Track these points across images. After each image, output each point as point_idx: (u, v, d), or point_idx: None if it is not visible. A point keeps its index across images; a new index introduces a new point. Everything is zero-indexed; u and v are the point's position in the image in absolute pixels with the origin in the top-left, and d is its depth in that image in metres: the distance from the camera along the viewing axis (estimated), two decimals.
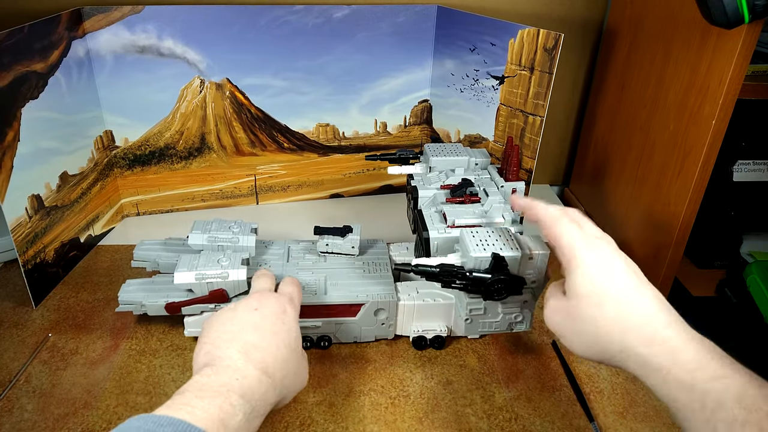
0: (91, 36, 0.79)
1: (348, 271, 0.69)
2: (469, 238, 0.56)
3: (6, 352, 0.65)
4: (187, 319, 0.64)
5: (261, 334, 0.47)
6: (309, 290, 0.65)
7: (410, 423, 0.58)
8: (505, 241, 0.55)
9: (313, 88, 0.91)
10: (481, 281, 0.53)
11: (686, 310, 0.73)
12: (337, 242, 0.71)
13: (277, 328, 0.48)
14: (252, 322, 0.48)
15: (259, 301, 0.51)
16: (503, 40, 0.79)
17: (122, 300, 0.65)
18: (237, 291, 0.63)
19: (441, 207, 0.64)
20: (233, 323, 0.48)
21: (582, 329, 0.43)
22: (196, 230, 0.67)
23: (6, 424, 0.56)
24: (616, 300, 0.41)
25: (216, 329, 0.48)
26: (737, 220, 0.81)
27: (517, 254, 0.54)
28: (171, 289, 0.63)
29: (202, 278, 0.61)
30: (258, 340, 0.46)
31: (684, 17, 0.69)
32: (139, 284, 0.66)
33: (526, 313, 0.57)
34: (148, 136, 0.88)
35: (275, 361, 0.46)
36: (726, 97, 0.61)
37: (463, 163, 0.71)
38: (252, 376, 0.43)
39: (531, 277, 0.56)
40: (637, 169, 0.80)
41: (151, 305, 0.64)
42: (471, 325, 0.58)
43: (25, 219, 0.70)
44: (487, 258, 0.54)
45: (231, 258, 0.63)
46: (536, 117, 0.77)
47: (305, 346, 0.66)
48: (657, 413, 0.60)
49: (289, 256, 0.72)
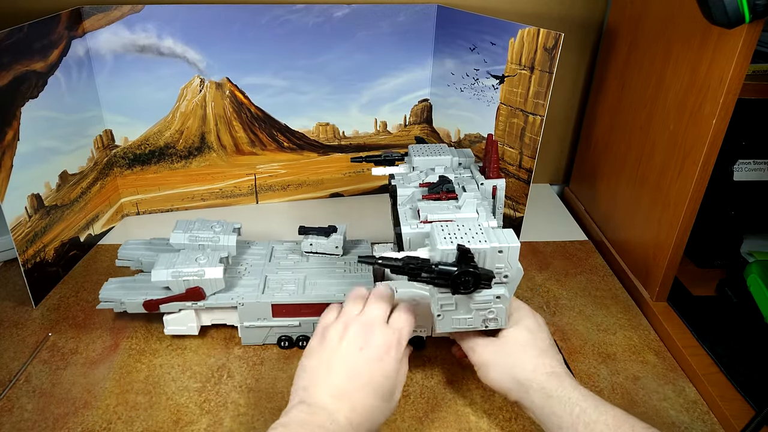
0: (90, 35, 0.79)
1: (328, 271, 0.69)
2: (438, 232, 0.54)
3: (6, 352, 0.65)
4: (166, 317, 0.65)
5: (357, 383, 0.49)
6: (287, 289, 0.65)
7: (410, 423, 0.58)
8: (474, 235, 0.54)
9: (313, 88, 0.90)
10: (447, 274, 0.51)
11: (686, 309, 0.73)
12: (321, 242, 0.71)
13: (375, 374, 0.50)
14: (352, 365, 0.50)
15: (366, 339, 0.51)
16: (503, 40, 0.78)
17: (103, 297, 0.65)
18: (214, 289, 0.64)
19: (416, 204, 0.63)
20: (334, 361, 0.50)
21: (506, 355, 0.54)
22: (177, 230, 0.68)
23: (6, 423, 0.56)
24: (539, 331, 0.56)
25: (318, 361, 0.50)
26: (737, 219, 0.81)
27: (484, 247, 0.52)
28: (150, 287, 0.64)
29: (179, 276, 0.62)
30: (352, 389, 0.48)
31: (684, 17, 0.69)
32: (120, 282, 0.67)
33: (500, 309, 0.55)
34: (147, 135, 0.88)
35: (363, 409, 0.48)
36: (726, 96, 0.61)
37: (445, 162, 0.70)
38: (340, 424, 0.46)
39: (502, 271, 0.54)
40: (637, 168, 0.80)
41: (130, 303, 0.64)
42: (443, 321, 0.56)
43: (25, 218, 0.70)
44: (454, 251, 0.52)
45: (209, 256, 0.64)
46: (536, 116, 0.77)
47: (284, 346, 0.66)
48: (657, 413, 0.60)
49: (272, 256, 0.72)
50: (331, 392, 0.48)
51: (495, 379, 0.54)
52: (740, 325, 0.71)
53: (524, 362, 0.53)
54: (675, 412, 0.60)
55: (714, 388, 0.62)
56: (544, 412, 0.50)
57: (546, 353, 0.54)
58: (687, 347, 0.67)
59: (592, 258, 0.87)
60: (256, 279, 0.67)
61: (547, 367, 0.52)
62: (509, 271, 0.54)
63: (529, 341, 0.55)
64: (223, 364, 0.64)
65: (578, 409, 0.48)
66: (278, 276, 0.68)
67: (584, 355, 0.68)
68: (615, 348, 0.69)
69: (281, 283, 0.66)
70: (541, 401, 0.51)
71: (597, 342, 0.70)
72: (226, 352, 0.66)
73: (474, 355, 0.56)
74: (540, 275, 0.82)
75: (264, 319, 0.65)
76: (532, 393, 0.51)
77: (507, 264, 0.54)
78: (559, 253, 0.88)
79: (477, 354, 0.56)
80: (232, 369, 0.63)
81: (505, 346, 0.55)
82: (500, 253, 0.53)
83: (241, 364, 0.64)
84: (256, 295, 0.64)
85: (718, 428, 0.59)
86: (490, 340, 0.56)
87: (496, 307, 0.55)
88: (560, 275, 0.82)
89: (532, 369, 0.52)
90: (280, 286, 0.66)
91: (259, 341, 0.66)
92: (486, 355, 0.55)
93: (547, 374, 0.52)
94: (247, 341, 0.66)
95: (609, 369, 0.66)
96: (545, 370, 0.52)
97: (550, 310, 0.75)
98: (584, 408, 0.48)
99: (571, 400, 0.49)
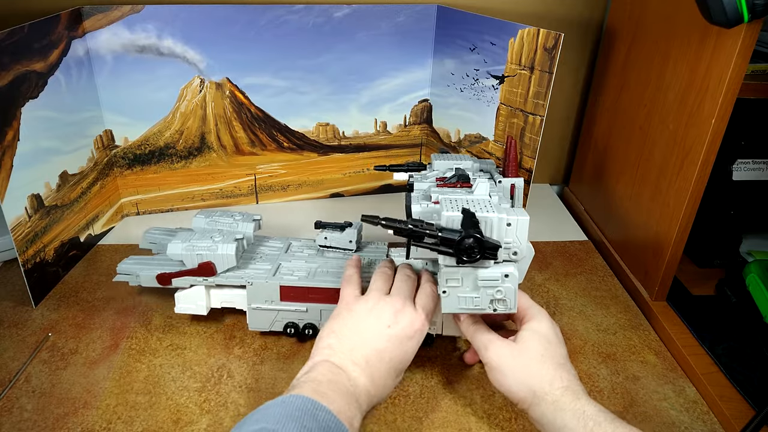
0: (90, 35, 0.79)
1: (341, 263, 0.70)
2: (446, 204, 0.53)
3: (6, 352, 0.65)
4: (178, 294, 0.66)
5: (380, 357, 0.52)
6: (298, 275, 0.66)
7: (410, 423, 0.58)
8: (482, 207, 0.52)
9: (313, 88, 0.91)
10: (451, 238, 0.50)
11: (686, 309, 0.73)
12: (335, 236, 0.71)
13: (396, 353, 0.53)
14: (378, 340, 0.52)
15: (395, 318, 0.54)
16: (503, 40, 0.79)
17: (120, 270, 0.68)
18: (225, 266, 0.65)
19: (429, 191, 0.62)
20: (362, 332, 0.53)
21: (523, 363, 0.53)
22: (200, 215, 0.71)
23: (6, 424, 0.56)
24: (558, 343, 0.55)
25: (346, 327, 0.53)
26: (737, 219, 0.81)
27: (491, 215, 0.51)
28: (166, 263, 0.66)
29: (192, 249, 0.64)
30: (374, 362, 0.51)
31: (683, 17, 0.69)
32: (137, 259, 0.69)
33: (509, 289, 0.52)
34: (147, 135, 0.88)
35: (379, 382, 0.51)
36: (725, 96, 0.61)
37: (466, 166, 0.70)
38: (364, 387, 0.50)
39: (511, 246, 0.52)
40: (637, 168, 0.80)
41: (145, 276, 0.66)
42: (449, 299, 0.54)
43: (25, 218, 0.70)
44: (458, 216, 0.51)
45: (224, 235, 0.66)
46: (536, 116, 0.77)
47: (290, 333, 0.67)
48: (657, 413, 0.60)
49: (288, 249, 0.73)
50: (355, 359, 0.51)
51: (509, 386, 0.53)
52: (739, 324, 0.71)
53: (542, 374, 0.52)
54: (675, 412, 0.60)
55: (714, 388, 0.62)
56: (555, 425, 0.49)
57: (563, 367, 0.53)
58: (686, 347, 0.67)
59: (592, 258, 0.87)
60: (268, 265, 0.68)
61: (564, 381, 0.51)
62: (518, 247, 0.52)
63: (548, 352, 0.53)
64: (223, 364, 0.64)
65: (592, 423, 0.47)
66: (291, 264, 0.69)
67: (584, 355, 0.68)
68: (615, 348, 0.69)
69: (293, 269, 0.67)
70: (552, 414, 0.49)
71: (597, 342, 0.70)
72: (226, 352, 0.66)
73: (487, 354, 0.54)
74: (540, 275, 0.82)
75: (272, 301, 0.65)
76: (544, 406, 0.50)
77: (516, 239, 0.52)
78: (559, 253, 0.88)
79: (491, 354, 0.54)
80: (232, 369, 0.63)
81: (524, 354, 0.53)
82: (508, 226, 0.51)
83: (241, 364, 0.64)
84: (266, 276, 0.65)
85: (718, 428, 0.59)
86: (507, 342, 0.54)
87: (505, 287, 0.53)
88: (560, 275, 0.82)
89: (549, 381, 0.51)
90: (291, 272, 0.67)
91: (265, 327, 0.67)
92: (502, 358, 0.54)
93: (563, 388, 0.50)
94: (254, 326, 0.67)
95: (609, 369, 0.66)
96: (562, 384, 0.51)
97: (550, 310, 0.75)
98: (599, 422, 0.47)
99: (586, 414, 0.48)
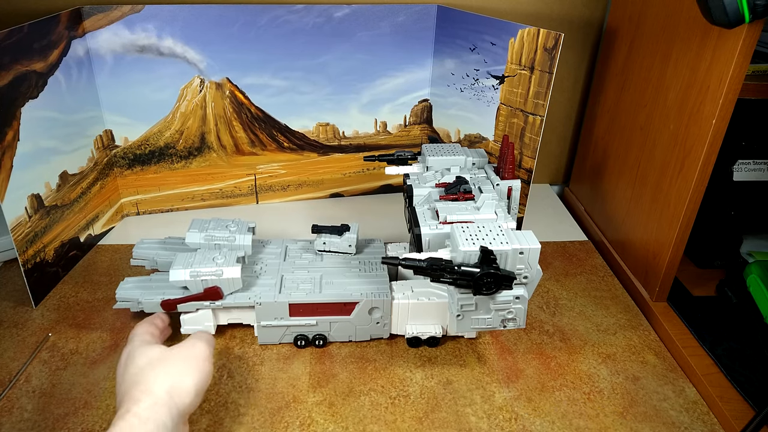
0: (90, 35, 0.79)
1: (344, 270, 0.69)
2: (459, 233, 0.55)
3: (6, 352, 0.65)
4: (183, 316, 0.65)
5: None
6: (304, 288, 0.66)
7: (410, 423, 0.58)
8: (495, 236, 0.55)
9: (313, 88, 0.90)
10: (470, 275, 0.53)
11: (686, 309, 0.73)
12: (334, 240, 0.71)
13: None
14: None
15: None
16: (503, 40, 0.78)
17: (120, 297, 0.65)
18: (231, 289, 0.64)
19: (434, 204, 0.64)
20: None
21: None
22: (193, 229, 0.67)
23: (6, 424, 0.56)
24: None
25: None
26: (737, 219, 0.81)
27: (506, 248, 0.54)
28: (167, 286, 0.64)
29: (197, 275, 0.62)
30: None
31: (684, 17, 0.69)
32: (136, 282, 0.67)
33: (519, 309, 0.56)
34: (147, 135, 0.88)
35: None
36: (726, 96, 0.61)
37: (459, 162, 0.71)
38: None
39: (522, 272, 0.55)
40: (637, 168, 0.80)
41: (148, 302, 0.64)
42: (462, 322, 0.57)
43: (25, 218, 0.70)
44: (476, 252, 0.53)
45: (226, 256, 0.64)
46: (536, 116, 0.77)
47: (300, 345, 0.66)
48: (657, 413, 0.60)
49: (287, 255, 0.72)
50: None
51: None
52: (740, 325, 0.71)
53: None
54: (675, 412, 0.60)
55: (714, 389, 0.62)
56: None
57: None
58: (687, 347, 0.67)
59: (592, 258, 0.87)
60: (272, 278, 0.67)
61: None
62: (529, 272, 0.55)
63: None
64: (223, 364, 0.64)
65: None
66: (294, 275, 0.68)
67: (584, 355, 0.68)
68: (615, 348, 0.69)
69: (297, 282, 0.67)
70: None
71: (597, 342, 0.70)
72: (226, 352, 0.66)
73: None
74: None
75: (281, 318, 0.65)
76: None
77: (527, 265, 0.55)
78: (559, 254, 0.88)
79: None
80: (232, 369, 0.63)
81: None
82: (521, 254, 0.54)
83: (241, 364, 0.64)
84: (273, 294, 0.64)
85: (718, 428, 0.59)
86: None
87: (516, 307, 0.56)
88: (560, 275, 0.82)
89: None
90: (297, 286, 0.66)
91: (275, 341, 0.66)
92: None
93: None
94: (263, 341, 0.66)
95: (609, 369, 0.66)
96: None
97: (550, 310, 0.75)
98: None
99: None
